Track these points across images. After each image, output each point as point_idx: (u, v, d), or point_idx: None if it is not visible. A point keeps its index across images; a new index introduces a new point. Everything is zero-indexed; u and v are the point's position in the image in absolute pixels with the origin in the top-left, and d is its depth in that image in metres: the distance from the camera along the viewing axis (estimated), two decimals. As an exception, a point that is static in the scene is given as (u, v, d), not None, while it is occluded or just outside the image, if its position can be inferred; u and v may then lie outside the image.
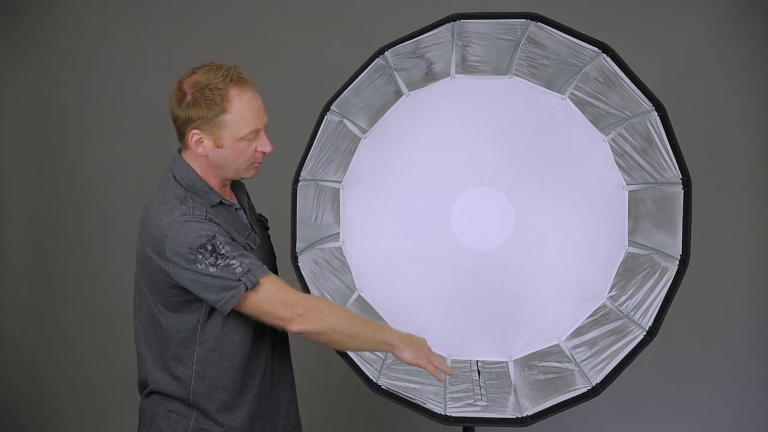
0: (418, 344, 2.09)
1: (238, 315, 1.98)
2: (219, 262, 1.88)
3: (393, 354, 2.08)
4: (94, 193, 3.76)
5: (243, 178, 2.09)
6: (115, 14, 3.73)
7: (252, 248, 2.06)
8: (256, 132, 1.99)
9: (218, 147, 1.97)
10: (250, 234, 2.08)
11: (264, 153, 2.04)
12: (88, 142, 3.75)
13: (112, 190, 3.74)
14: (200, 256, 1.88)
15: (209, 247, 1.88)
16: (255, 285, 1.90)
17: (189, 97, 1.95)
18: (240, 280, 1.88)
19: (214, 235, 1.89)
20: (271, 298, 1.92)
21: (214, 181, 2.04)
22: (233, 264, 1.88)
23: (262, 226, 2.23)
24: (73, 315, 3.78)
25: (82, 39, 3.74)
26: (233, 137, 1.96)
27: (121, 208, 3.71)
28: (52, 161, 3.78)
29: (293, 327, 1.94)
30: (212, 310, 1.98)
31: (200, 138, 1.96)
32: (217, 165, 2.00)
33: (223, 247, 1.89)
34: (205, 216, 1.93)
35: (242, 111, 1.96)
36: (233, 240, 1.97)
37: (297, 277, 2.17)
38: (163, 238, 1.90)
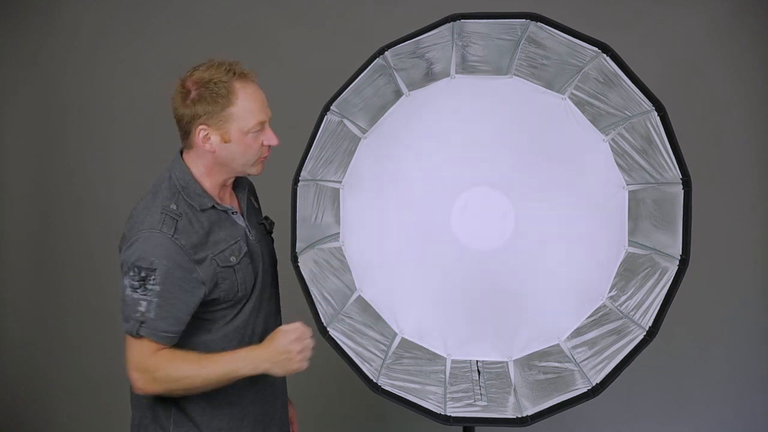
0: (284, 361, 1.95)
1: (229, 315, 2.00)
2: (138, 292, 1.88)
3: None
4: (94, 193, 3.76)
5: (249, 174, 2.09)
6: (115, 14, 3.73)
7: (232, 262, 2.02)
8: (262, 124, 2.00)
9: (225, 142, 1.97)
10: (237, 242, 2.05)
11: (270, 147, 2.04)
12: (89, 141, 3.75)
13: (112, 190, 3.75)
14: (131, 273, 1.88)
15: (142, 274, 1.87)
16: (136, 336, 1.90)
17: (194, 93, 1.94)
18: (133, 319, 1.89)
19: (156, 269, 1.87)
20: (136, 356, 1.91)
21: (216, 181, 2.03)
22: (142, 304, 1.87)
23: (262, 230, 2.22)
24: (73, 315, 3.78)
25: (82, 39, 3.74)
26: (239, 130, 1.97)
27: (121, 208, 3.70)
28: (53, 161, 3.78)
29: (134, 386, 1.95)
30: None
31: (207, 134, 1.96)
32: (225, 161, 2.00)
33: (154, 285, 1.87)
34: (172, 234, 1.90)
35: (247, 103, 1.96)
36: (187, 273, 1.91)
37: (297, 277, 2.16)
38: (129, 242, 1.93)
